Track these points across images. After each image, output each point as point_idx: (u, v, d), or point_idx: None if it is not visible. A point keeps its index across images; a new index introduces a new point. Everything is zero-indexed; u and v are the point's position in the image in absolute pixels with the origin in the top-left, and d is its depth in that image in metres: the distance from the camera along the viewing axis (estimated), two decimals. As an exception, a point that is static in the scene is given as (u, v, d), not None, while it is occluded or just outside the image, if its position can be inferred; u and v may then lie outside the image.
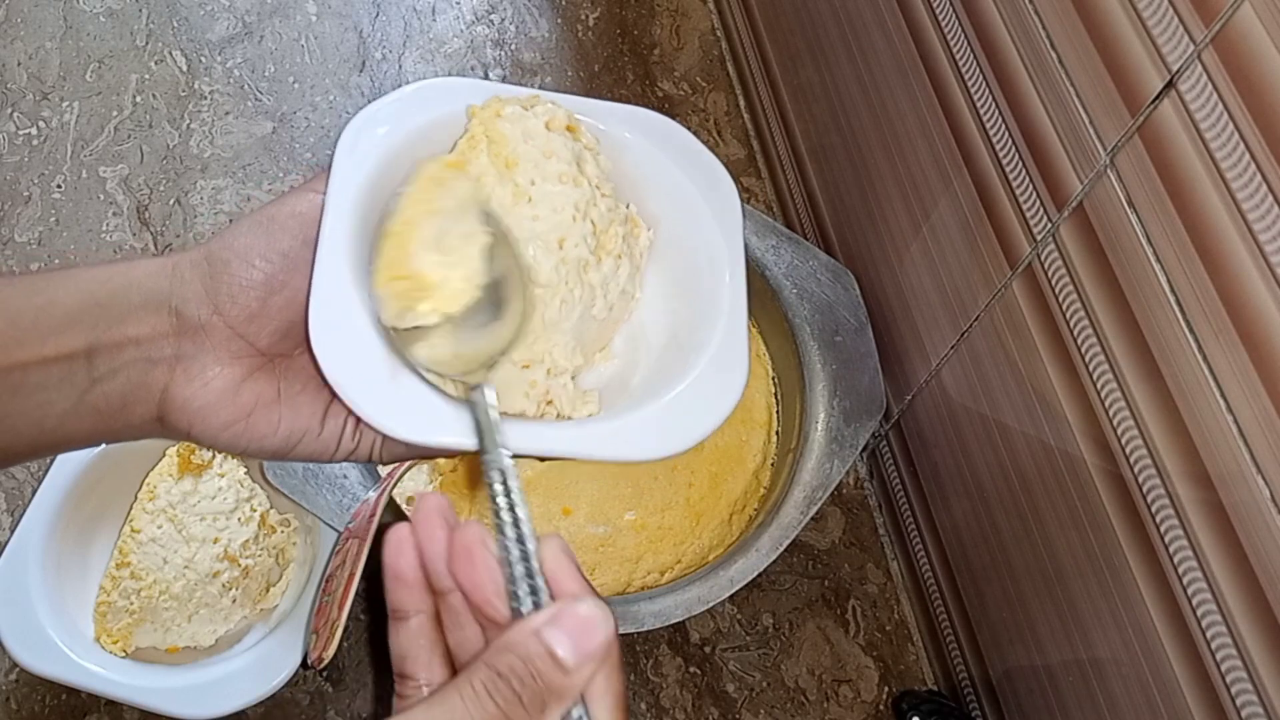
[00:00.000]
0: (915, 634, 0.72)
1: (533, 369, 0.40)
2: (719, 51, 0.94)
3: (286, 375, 0.38)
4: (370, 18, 0.91)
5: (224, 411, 0.37)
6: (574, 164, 0.41)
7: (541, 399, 0.40)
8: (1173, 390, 0.46)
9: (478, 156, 0.40)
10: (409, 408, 0.36)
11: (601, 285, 0.41)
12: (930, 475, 0.69)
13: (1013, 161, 0.54)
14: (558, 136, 0.41)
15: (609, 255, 0.41)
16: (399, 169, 0.40)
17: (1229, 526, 0.44)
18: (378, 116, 0.41)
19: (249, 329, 0.37)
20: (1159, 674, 0.50)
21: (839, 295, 0.71)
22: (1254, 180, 0.41)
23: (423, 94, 0.42)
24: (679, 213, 0.44)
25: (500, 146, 0.40)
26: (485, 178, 0.40)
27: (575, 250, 0.40)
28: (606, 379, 0.43)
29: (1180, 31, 0.43)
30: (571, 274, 0.40)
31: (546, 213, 0.40)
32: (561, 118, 0.42)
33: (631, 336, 0.44)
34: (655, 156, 0.44)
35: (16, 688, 0.64)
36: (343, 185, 0.39)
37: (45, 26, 0.87)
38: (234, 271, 0.37)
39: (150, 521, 0.62)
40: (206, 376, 0.37)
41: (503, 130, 0.40)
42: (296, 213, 0.38)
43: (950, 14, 0.58)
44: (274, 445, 0.38)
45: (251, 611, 0.63)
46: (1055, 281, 0.53)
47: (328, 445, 0.39)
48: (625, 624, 0.60)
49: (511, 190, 0.40)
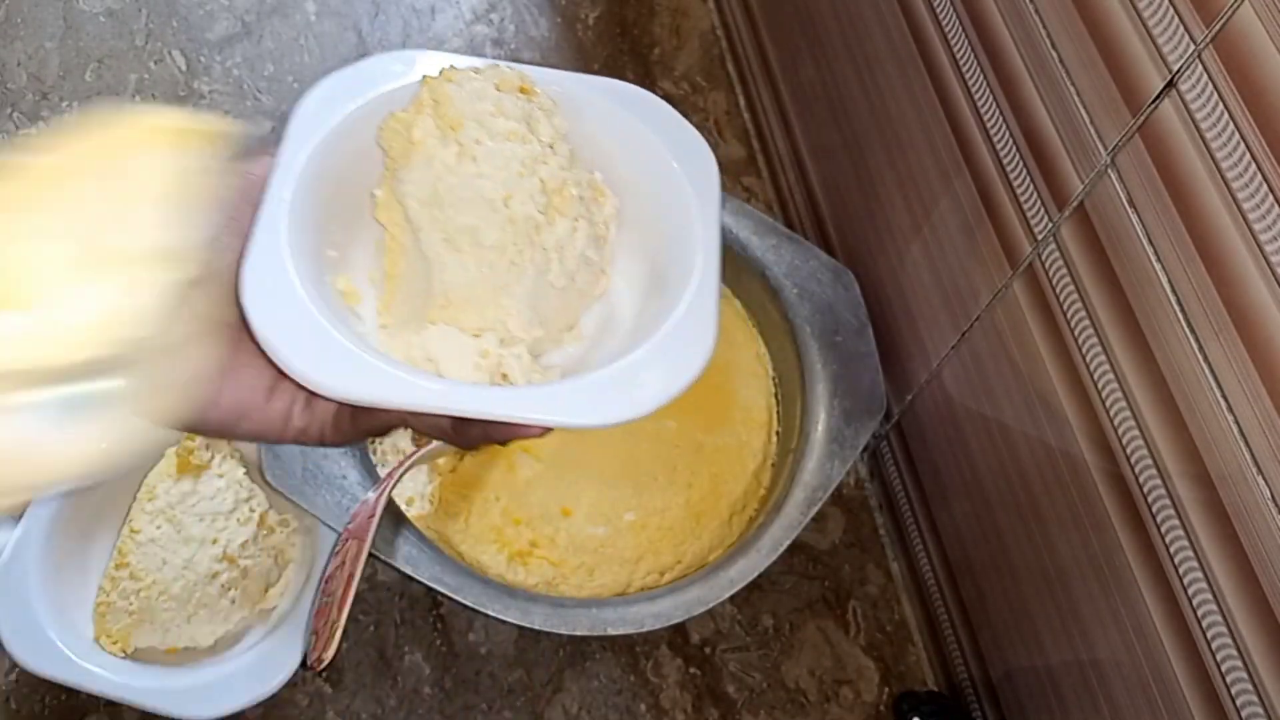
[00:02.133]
0: (916, 635, 0.72)
1: (484, 337, 0.39)
2: (719, 51, 0.94)
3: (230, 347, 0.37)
4: (369, 17, 0.91)
5: None
6: (523, 122, 0.39)
7: (494, 370, 0.39)
8: (1173, 390, 0.46)
9: (423, 120, 0.39)
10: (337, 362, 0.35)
11: (557, 249, 0.40)
12: (931, 475, 0.69)
13: (1013, 161, 0.54)
14: (508, 97, 0.40)
15: (563, 217, 0.40)
16: (354, 138, 0.40)
17: (1229, 526, 0.44)
18: (336, 87, 0.41)
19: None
20: (1159, 674, 0.50)
21: (839, 295, 0.71)
22: (1254, 180, 0.41)
23: (383, 65, 0.42)
24: (652, 181, 0.43)
25: (445, 107, 0.39)
26: (429, 140, 0.39)
27: (522, 209, 0.39)
28: (573, 360, 0.42)
29: (1180, 31, 0.43)
30: (520, 235, 0.39)
31: (491, 170, 0.38)
32: (513, 79, 0.41)
33: (605, 318, 0.43)
34: (631, 125, 0.43)
35: (16, 688, 0.64)
36: (294, 151, 0.38)
37: (45, 26, 0.87)
38: None
39: (149, 522, 0.62)
40: None
41: (448, 92, 0.39)
42: (246, 174, 0.37)
43: (950, 14, 0.58)
44: (216, 418, 0.37)
45: (250, 612, 0.63)
46: (1056, 281, 0.53)
47: (274, 422, 0.37)
48: (625, 625, 0.60)
49: (456, 151, 0.39)
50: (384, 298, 0.41)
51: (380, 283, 0.41)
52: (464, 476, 0.66)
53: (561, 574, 0.65)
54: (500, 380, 0.39)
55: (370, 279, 0.41)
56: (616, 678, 0.68)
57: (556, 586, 0.64)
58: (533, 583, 0.64)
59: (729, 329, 0.73)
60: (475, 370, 0.39)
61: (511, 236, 0.39)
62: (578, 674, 0.68)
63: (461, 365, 0.39)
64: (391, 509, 0.62)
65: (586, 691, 0.67)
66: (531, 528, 0.65)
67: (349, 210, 0.41)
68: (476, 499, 0.66)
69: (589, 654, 0.69)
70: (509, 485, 0.66)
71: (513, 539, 0.65)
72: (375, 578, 0.69)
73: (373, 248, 0.42)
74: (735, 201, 0.73)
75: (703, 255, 0.40)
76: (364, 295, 0.41)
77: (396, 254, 0.40)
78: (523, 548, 0.65)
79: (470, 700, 0.66)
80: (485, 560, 0.64)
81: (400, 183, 0.39)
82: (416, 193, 0.39)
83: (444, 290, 0.39)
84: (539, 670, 0.68)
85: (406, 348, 0.39)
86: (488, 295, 0.39)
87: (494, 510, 0.65)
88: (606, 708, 0.67)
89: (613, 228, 0.43)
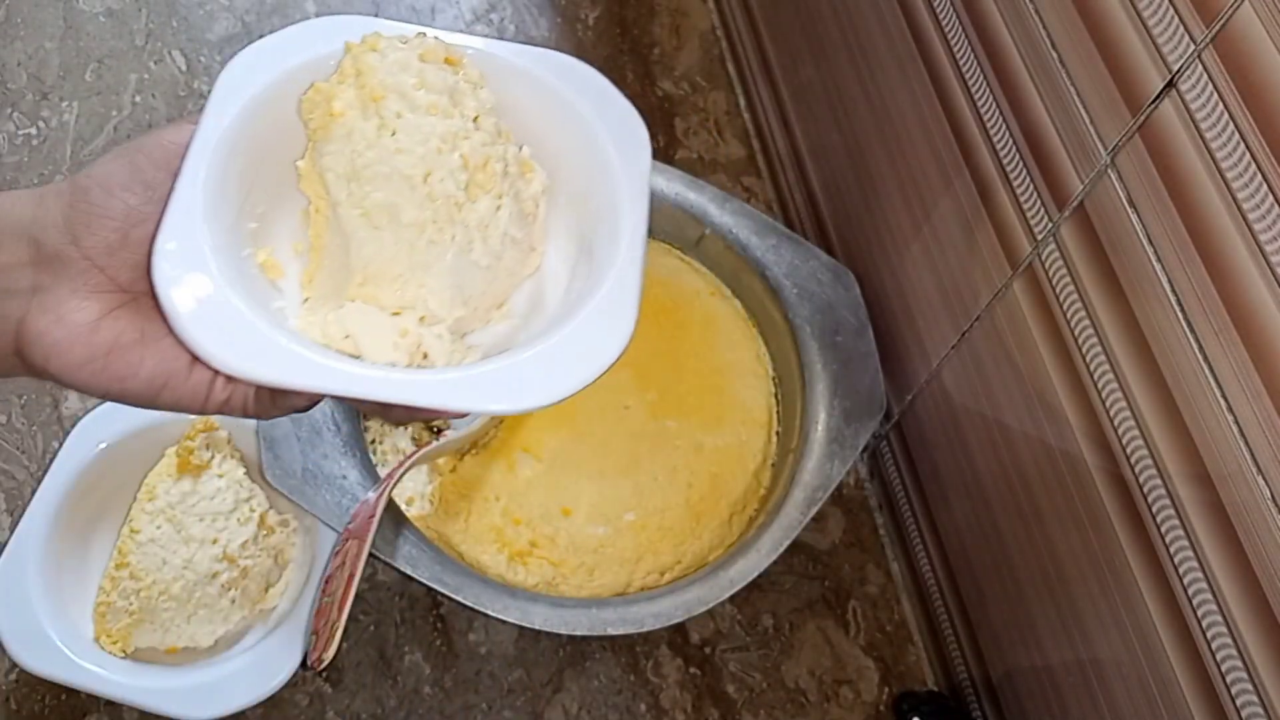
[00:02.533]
0: (916, 634, 0.72)
1: (403, 316, 0.38)
2: (719, 51, 0.94)
3: (152, 315, 0.36)
4: (369, 17, 0.91)
5: (80, 348, 0.35)
6: (446, 95, 0.38)
7: (414, 349, 0.38)
8: (1173, 390, 0.46)
9: (345, 91, 0.38)
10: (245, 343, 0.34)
11: (479, 227, 0.39)
12: (931, 475, 0.69)
13: (1013, 161, 0.54)
14: (432, 68, 0.39)
15: (486, 194, 0.39)
16: (278, 106, 0.39)
17: (1229, 526, 0.44)
18: (262, 53, 0.40)
19: (109, 262, 0.35)
20: (1159, 674, 0.50)
21: (839, 295, 0.71)
22: (1254, 180, 0.41)
23: (309, 31, 0.41)
24: (583, 154, 0.42)
25: (367, 78, 0.38)
26: (349, 113, 0.38)
27: (442, 186, 0.38)
28: (500, 339, 0.41)
29: (1180, 31, 0.43)
30: (440, 212, 0.38)
31: (410, 145, 0.37)
32: (439, 50, 0.40)
33: (535, 295, 0.42)
34: (562, 97, 0.42)
35: (16, 688, 0.64)
36: (216, 118, 0.38)
37: (45, 26, 0.87)
38: (93, 200, 0.35)
39: (149, 522, 0.62)
40: (62, 310, 0.35)
41: (371, 62, 0.38)
42: (165, 143, 0.37)
43: (950, 14, 0.58)
44: (136, 388, 0.36)
45: (250, 612, 0.63)
46: (1056, 281, 0.53)
47: (196, 393, 0.37)
48: (625, 625, 0.60)
49: (376, 124, 0.38)
50: (308, 269, 0.40)
51: (305, 253, 0.40)
52: (464, 476, 0.66)
53: (561, 574, 0.65)
54: (420, 359, 0.38)
55: (296, 250, 0.41)
56: (616, 678, 0.68)
57: (556, 586, 0.64)
58: (533, 583, 0.64)
59: (729, 329, 0.73)
60: (394, 349, 0.38)
61: (431, 214, 0.38)
62: (578, 674, 0.68)
63: (380, 344, 0.38)
64: (391, 509, 0.62)
65: (586, 691, 0.67)
66: (531, 528, 0.65)
67: (273, 179, 0.40)
68: (476, 499, 0.66)
69: (589, 654, 0.69)
70: (509, 485, 0.66)
71: (513, 539, 0.65)
72: (375, 578, 0.69)
73: (299, 217, 0.41)
74: (735, 201, 0.73)
75: (628, 235, 0.39)
76: (287, 268, 0.40)
77: (321, 225, 0.40)
78: (523, 548, 0.65)
79: (470, 700, 0.66)
80: (485, 560, 0.64)
81: (320, 155, 0.39)
82: (335, 166, 0.38)
83: (362, 267, 0.38)
84: (539, 670, 0.68)
85: (324, 324, 0.38)
86: (407, 273, 0.38)
87: (494, 510, 0.66)
88: (606, 708, 0.67)
89: (542, 204, 0.42)
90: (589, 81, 0.42)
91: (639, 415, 0.69)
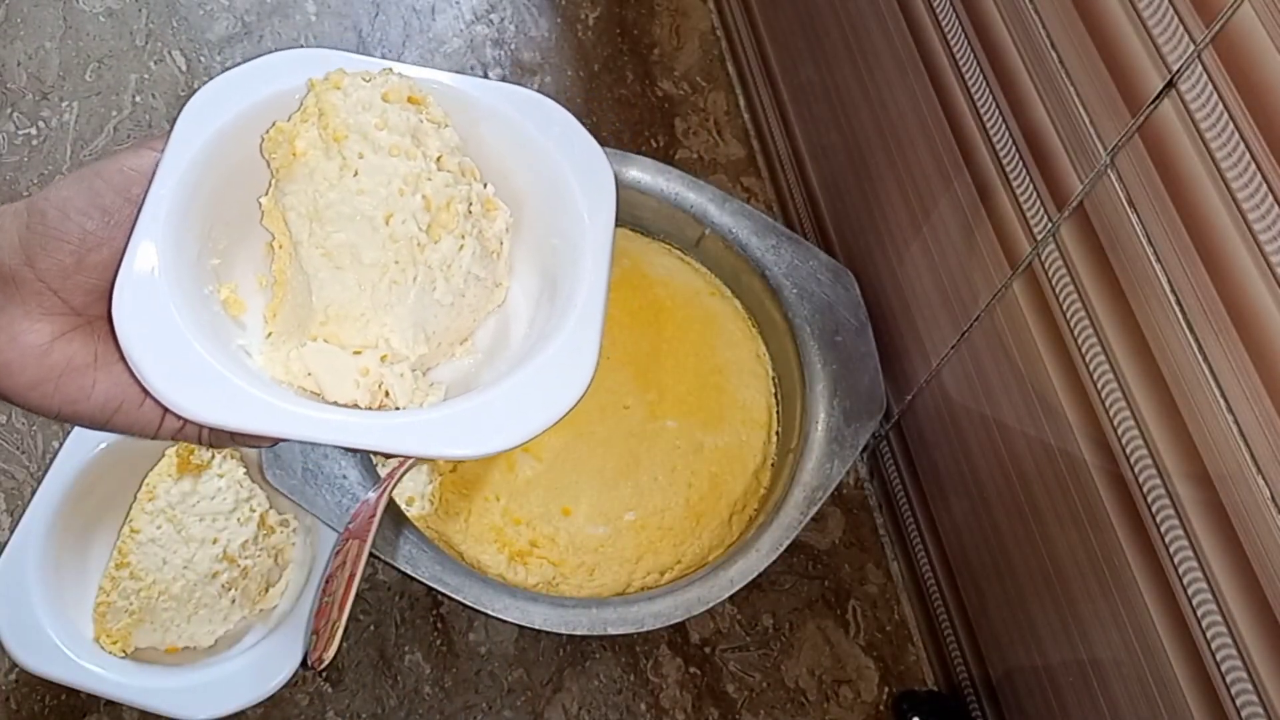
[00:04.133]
0: (915, 634, 0.72)
1: (365, 355, 0.38)
2: (719, 51, 0.94)
3: (106, 339, 0.36)
4: (369, 17, 0.91)
5: (31, 369, 0.35)
6: (409, 136, 0.38)
7: (375, 389, 0.38)
8: (1173, 390, 0.46)
9: (307, 130, 0.38)
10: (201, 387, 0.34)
11: (442, 267, 0.39)
12: (930, 475, 0.69)
13: (1013, 161, 0.54)
14: (395, 108, 0.39)
15: (449, 234, 0.39)
16: (241, 141, 0.39)
17: (1229, 526, 0.44)
18: (228, 85, 0.39)
19: (63, 285, 0.35)
20: (1159, 674, 0.50)
21: (839, 295, 0.71)
22: (1254, 180, 0.41)
23: (274, 65, 0.40)
24: (547, 193, 0.42)
25: (329, 118, 0.38)
26: (311, 152, 0.38)
27: (404, 227, 0.38)
28: (464, 374, 0.41)
29: (1180, 31, 0.43)
30: (402, 253, 0.38)
31: (372, 187, 0.37)
32: (402, 88, 0.39)
33: (499, 329, 0.42)
34: (524, 131, 0.42)
35: (16, 688, 0.64)
36: (178, 152, 0.37)
37: (45, 26, 0.87)
38: (49, 223, 0.35)
39: (149, 522, 0.62)
40: (14, 330, 0.35)
41: (334, 101, 0.38)
42: (125, 168, 0.37)
43: (950, 14, 0.58)
44: (88, 411, 0.36)
45: (251, 612, 0.63)
46: (1056, 281, 0.53)
47: (150, 419, 0.37)
48: (625, 624, 0.60)
49: (338, 164, 0.38)
50: (272, 304, 0.40)
51: (270, 286, 0.40)
52: (464, 476, 0.66)
53: (561, 574, 0.65)
54: (382, 398, 0.38)
55: (260, 282, 0.40)
56: (616, 677, 0.68)
57: (556, 586, 0.64)
58: (533, 582, 0.64)
59: (729, 329, 0.73)
60: (355, 388, 0.38)
61: (393, 255, 0.38)
62: (578, 674, 0.68)
63: (341, 383, 0.38)
64: (392, 509, 0.62)
65: (586, 691, 0.67)
66: (531, 528, 0.65)
67: (236, 214, 0.40)
68: (476, 499, 0.66)
69: (589, 654, 0.69)
70: (509, 485, 0.66)
71: (513, 539, 0.65)
72: (375, 577, 0.69)
73: (263, 249, 0.41)
74: (735, 201, 0.73)
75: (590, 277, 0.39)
76: (250, 302, 0.40)
77: (285, 260, 0.39)
78: (523, 548, 0.65)
79: (470, 700, 0.66)
80: (485, 560, 0.64)
81: (282, 194, 0.38)
82: (297, 205, 0.38)
83: (324, 306, 0.38)
84: (539, 670, 0.68)
85: (287, 362, 0.38)
86: (369, 313, 0.38)
87: (494, 510, 0.66)
88: (606, 707, 0.67)
89: (506, 242, 0.42)
90: (554, 118, 0.42)
91: (639, 415, 0.69)
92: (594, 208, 0.41)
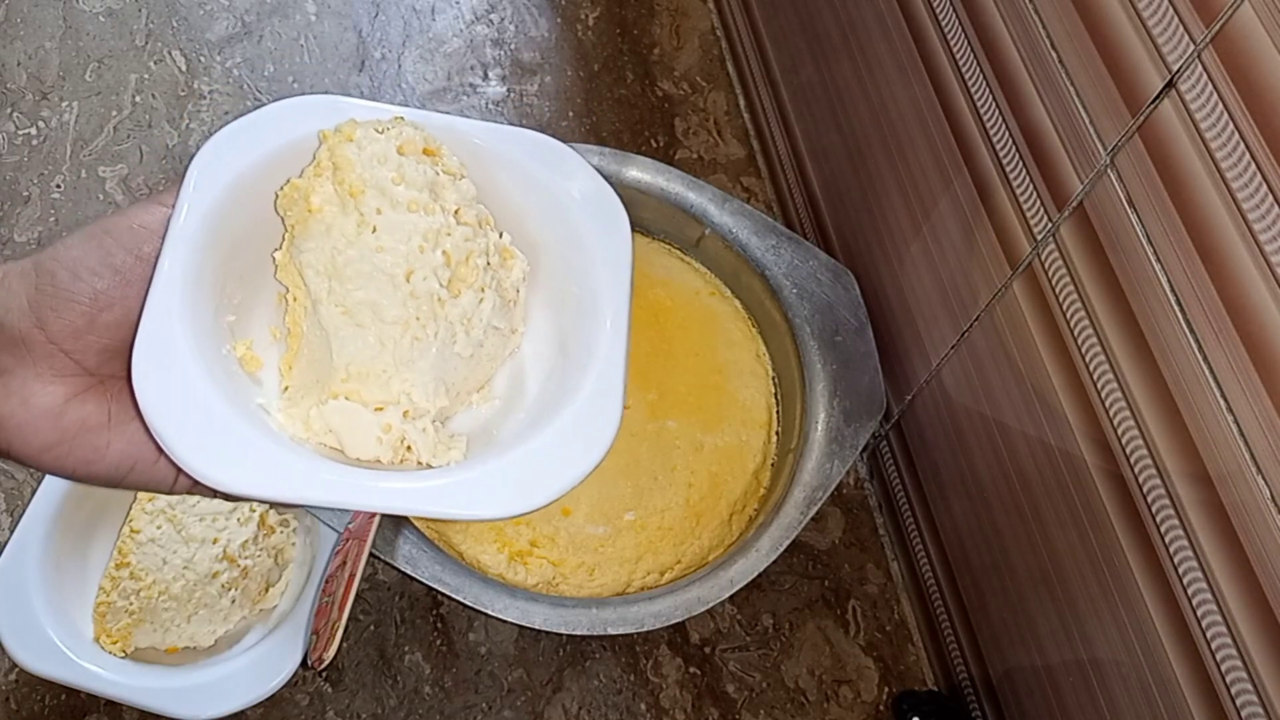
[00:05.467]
0: (915, 634, 0.72)
1: (387, 411, 0.38)
2: (719, 51, 0.94)
3: (119, 399, 0.36)
4: (369, 17, 0.91)
5: (45, 432, 0.35)
6: (426, 191, 0.38)
7: (398, 444, 0.38)
8: (1173, 390, 0.46)
9: (322, 185, 0.38)
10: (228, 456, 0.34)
11: (463, 321, 0.38)
12: (930, 475, 0.69)
13: (1013, 161, 0.54)
14: (412, 161, 0.38)
15: (469, 289, 0.38)
16: (252, 195, 0.38)
17: (1229, 526, 0.44)
18: (235, 136, 0.39)
19: (75, 346, 0.35)
20: (1159, 674, 0.50)
21: (839, 295, 0.71)
22: (1254, 180, 0.41)
23: (283, 113, 0.40)
24: (563, 240, 0.41)
25: (345, 173, 0.37)
26: (328, 208, 0.37)
27: (425, 284, 0.37)
28: (483, 422, 0.41)
29: (1180, 31, 0.43)
30: (423, 309, 0.37)
31: (392, 244, 0.37)
32: (417, 140, 0.39)
33: (516, 375, 0.41)
34: (540, 178, 0.41)
35: (16, 688, 0.64)
36: (191, 205, 0.37)
37: (45, 26, 0.87)
38: (59, 284, 0.34)
39: (149, 522, 0.62)
40: (26, 393, 0.34)
41: (348, 155, 0.38)
42: (135, 225, 0.36)
43: (950, 14, 0.58)
44: (102, 471, 0.36)
45: (251, 612, 0.63)
46: (1055, 281, 0.53)
47: (164, 476, 0.37)
48: (625, 624, 0.60)
49: (356, 221, 0.37)
50: (286, 356, 0.39)
51: (283, 339, 0.40)
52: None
53: (561, 574, 0.65)
54: (405, 453, 0.38)
55: (273, 334, 0.40)
56: (616, 677, 0.68)
57: (556, 586, 0.64)
58: (533, 582, 0.64)
59: (729, 329, 0.73)
60: (377, 445, 0.38)
61: (414, 311, 0.37)
62: (578, 674, 0.68)
63: (364, 440, 0.37)
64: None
65: (586, 691, 0.67)
66: (531, 527, 0.65)
67: (249, 268, 0.39)
68: (476, 499, 0.66)
69: (589, 654, 0.69)
70: (509, 485, 0.66)
71: (513, 538, 0.65)
72: (375, 577, 0.69)
73: (274, 301, 0.40)
74: (735, 201, 0.73)
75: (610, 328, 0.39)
76: (265, 359, 0.39)
77: (299, 313, 0.39)
78: (523, 547, 0.65)
79: (470, 700, 0.66)
80: (485, 560, 0.64)
81: (299, 251, 0.38)
82: (315, 262, 0.37)
83: (345, 364, 0.38)
84: (539, 670, 0.68)
85: (307, 419, 0.38)
86: (391, 369, 0.38)
87: (494, 510, 0.65)
88: (606, 707, 0.67)
89: (523, 290, 0.41)
90: (567, 162, 0.42)
91: (639, 415, 0.69)
92: (611, 254, 0.40)
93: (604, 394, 0.38)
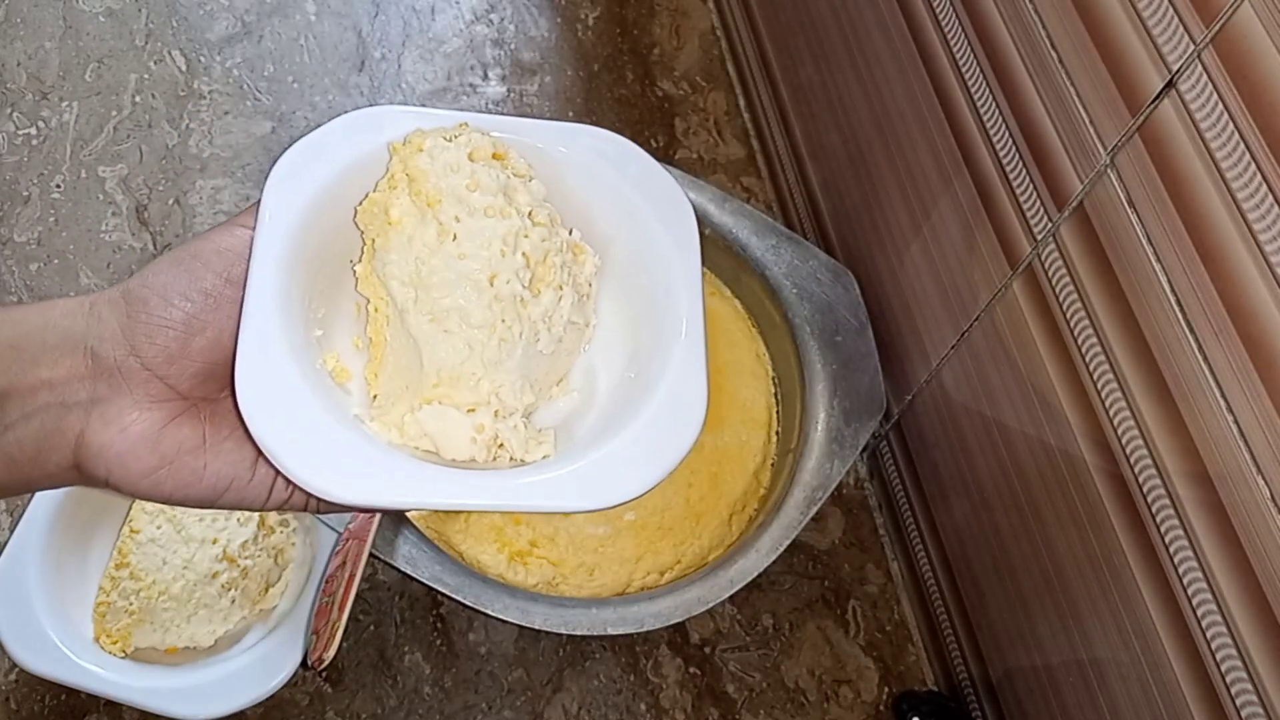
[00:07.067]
0: (915, 634, 0.72)
1: (478, 412, 0.39)
2: (719, 51, 0.94)
3: (213, 420, 0.36)
4: (369, 17, 0.91)
5: (144, 458, 0.35)
6: (501, 195, 0.39)
7: (491, 443, 0.39)
8: (1173, 390, 0.46)
9: (399, 197, 0.38)
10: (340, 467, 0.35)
11: (544, 319, 0.39)
12: (930, 475, 0.69)
13: (1013, 161, 0.54)
14: (483, 167, 0.39)
15: (548, 287, 0.39)
16: (329, 212, 0.39)
17: (1229, 526, 0.44)
18: (308, 151, 0.39)
19: (169, 371, 0.35)
20: (1159, 674, 0.50)
21: (839, 295, 0.71)
22: (1254, 180, 0.41)
23: (350, 126, 0.40)
24: (632, 234, 0.42)
25: (420, 184, 0.38)
26: (406, 220, 0.38)
27: (508, 287, 0.38)
28: (564, 415, 0.42)
29: (1180, 31, 0.43)
30: (508, 311, 0.38)
31: (473, 250, 0.38)
32: (486, 146, 0.40)
33: (590, 367, 0.42)
34: (604, 175, 0.42)
35: (16, 688, 0.64)
36: (272, 225, 0.37)
37: (45, 26, 0.87)
38: (152, 310, 0.35)
39: (149, 522, 0.62)
40: (124, 421, 0.35)
41: (422, 166, 0.38)
42: (221, 249, 0.36)
43: (950, 14, 0.58)
44: (199, 493, 0.36)
45: (250, 612, 0.63)
46: (1056, 281, 0.53)
47: (259, 494, 0.37)
48: (625, 624, 0.60)
49: (435, 229, 0.38)
50: (370, 365, 0.40)
51: (365, 349, 0.40)
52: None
53: (561, 574, 0.65)
54: (497, 450, 0.39)
55: (355, 345, 0.41)
56: (616, 677, 0.68)
57: (556, 586, 0.64)
58: (533, 583, 0.64)
59: (729, 329, 0.73)
60: (471, 445, 0.39)
61: (499, 314, 0.38)
62: (578, 674, 0.68)
63: (459, 442, 0.38)
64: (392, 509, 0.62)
65: (586, 691, 0.67)
66: (531, 527, 0.65)
67: (330, 283, 0.40)
68: (476, 499, 0.66)
69: (589, 654, 0.69)
70: (509, 485, 0.66)
71: (513, 539, 0.65)
72: (375, 577, 0.69)
73: (353, 313, 0.41)
74: (735, 201, 0.73)
75: (687, 315, 0.40)
76: (352, 369, 0.40)
77: (380, 323, 0.40)
78: (523, 547, 0.65)
79: (470, 700, 0.66)
80: (485, 560, 0.64)
81: (382, 264, 0.39)
82: (399, 274, 0.38)
83: (436, 369, 0.39)
84: (539, 670, 0.68)
85: (401, 425, 0.39)
86: (480, 371, 0.39)
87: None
88: (606, 707, 0.67)
89: (595, 284, 0.42)
90: (629, 156, 0.43)
91: (639, 415, 0.69)
92: (680, 243, 0.41)
93: (687, 379, 0.39)
